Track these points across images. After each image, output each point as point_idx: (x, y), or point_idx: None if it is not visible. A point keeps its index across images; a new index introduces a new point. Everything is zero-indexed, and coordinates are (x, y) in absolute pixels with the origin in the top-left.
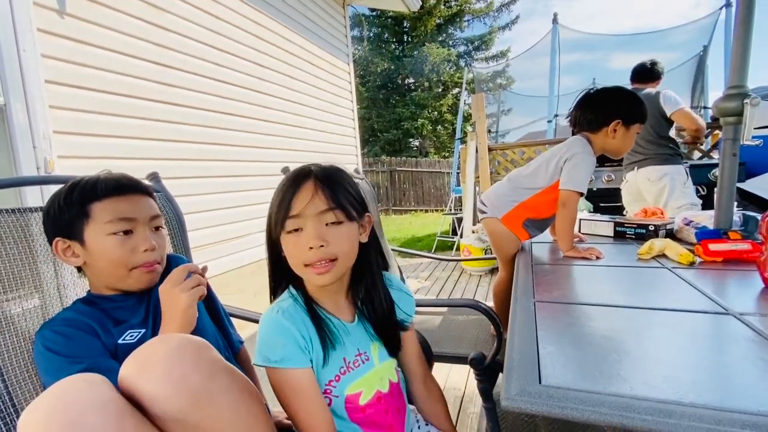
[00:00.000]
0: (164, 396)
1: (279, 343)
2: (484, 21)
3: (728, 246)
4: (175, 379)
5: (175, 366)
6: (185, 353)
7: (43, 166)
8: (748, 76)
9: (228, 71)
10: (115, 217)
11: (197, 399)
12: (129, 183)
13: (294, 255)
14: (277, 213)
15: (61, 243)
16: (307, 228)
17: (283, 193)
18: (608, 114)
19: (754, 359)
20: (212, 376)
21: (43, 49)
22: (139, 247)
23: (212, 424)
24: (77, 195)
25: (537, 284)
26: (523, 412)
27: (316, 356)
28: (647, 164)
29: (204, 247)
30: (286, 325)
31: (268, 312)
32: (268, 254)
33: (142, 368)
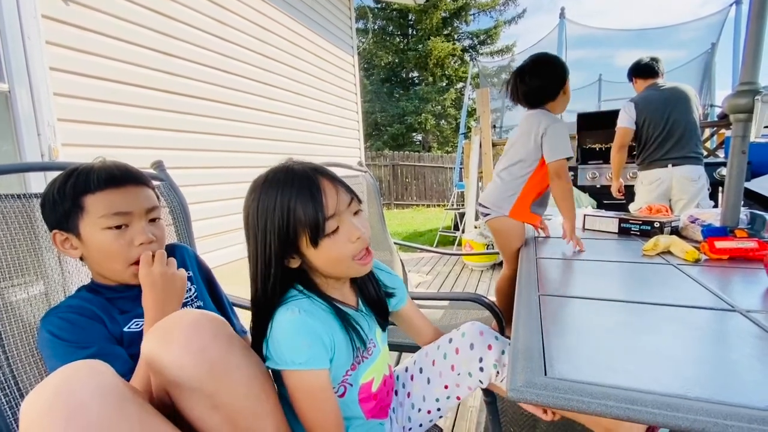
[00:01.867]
0: (184, 365)
1: (305, 344)
2: (490, 15)
3: (734, 244)
4: (195, 350)
5: (195, 337)
6: (205, 327)
7: (47, 153)
8: (759, 73)
9: (233, 62)
10: (109, 211)
11: (214, 370)
12: (122, 174)
13: (341, 252)
14: (309, 220)
15: (59, 235)
16: (345, 222)
17: (305, 197)
18: (560, 78)
19: (760, 356)
20: (229, 350)
21: (48, 36)
22: (135, 241)
23: (227, 394)
24: (70, 188)
25: (541, 278)
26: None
27: (338, 352)
28: (687, 163)
29: (208, 237)
30: (313, 324)
31: (284, 313)
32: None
33: (164, 338)
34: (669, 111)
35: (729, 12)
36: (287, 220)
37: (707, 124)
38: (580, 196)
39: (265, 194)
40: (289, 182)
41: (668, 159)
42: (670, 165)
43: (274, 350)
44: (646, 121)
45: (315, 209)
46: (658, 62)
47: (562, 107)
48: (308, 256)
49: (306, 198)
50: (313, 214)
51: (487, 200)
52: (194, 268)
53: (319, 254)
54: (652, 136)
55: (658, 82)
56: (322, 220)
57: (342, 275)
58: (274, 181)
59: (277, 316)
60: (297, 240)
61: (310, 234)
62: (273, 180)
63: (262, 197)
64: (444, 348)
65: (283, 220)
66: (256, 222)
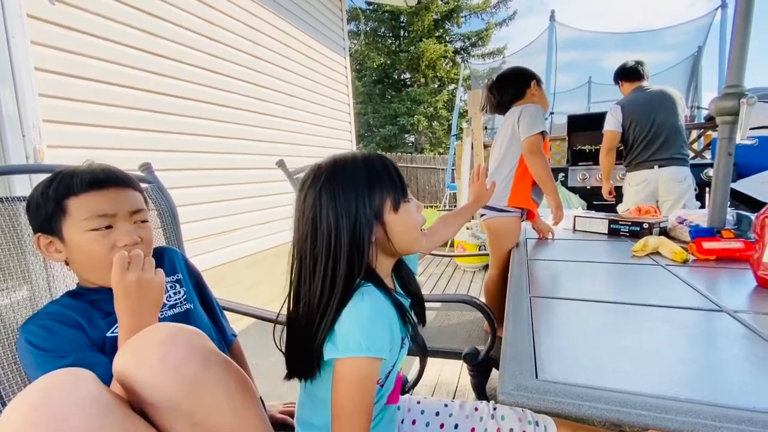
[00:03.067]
0: (158, 384)
1: (382, 331)
2: (481, 17)
3: (722, 244)
4: (170, 367)
5: (170, 354)
6: (180, 342)
7: (33, 155)
8: (745, 76)
9: (222, 62)
10: (92, 213)
11: (191, 387)
12: (106, 177)
13: (414, 220)
14: (393, 190)
15: (43, 238)
16: (410, 197)
17: (384, 170)
18: (524, 80)
19: (748, 356)
20: (207, 365)
21: (33, 36)
22: (118, 242)
23: (206, 412)
24: (53, 191)
25: (532, 280)
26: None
27: (395, 343)
28: (672, 164)
29: (197, 239)
30: (386, 312)
31: (360, 300)
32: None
33: (137, 356)
34: (654, 113)
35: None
36: (376, 186)
37: (694, 126)
38: (570, 197)
39: (347, 171)
40: (368, 160)
41: (654, 160)
42: (656, 166)
43: (346, 336)
44: (632, 123)
45: (394, 177)
46: (642, 65)
47: (542, 102)
48: (389, 223)
49: (384, 169)
50: (393, 180)
51: None
52: (183, 271)
53: (399, 220)
54: (638, 139)
55: (644, 84)
56: (401, 185)
57: (410, 247)
58: (350, 161)
59: (354, 303)
60: (383, 204)
61: (394, 197)
62: (349, 161)
63: (344, 174)
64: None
65: (372, 185)
66: (328, 208)
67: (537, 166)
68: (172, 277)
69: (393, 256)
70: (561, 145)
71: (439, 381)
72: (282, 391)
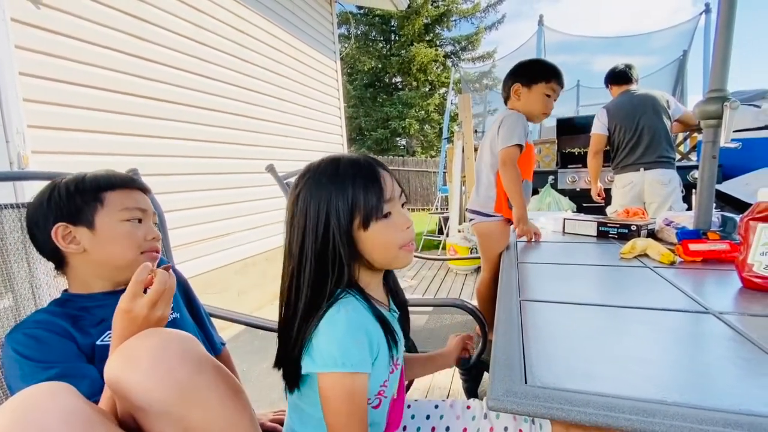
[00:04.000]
0: (150, 388)
1: (358, 345)
2: (471, 21)
3: (707, 246)
4: (162, 372)
5: (161, 359)
6: (171, 347)
7: (17, 161)
8: (728, 80)
9: (211, 66)
10: (131, 205)
11: (183, 392)
12: (138, 180)
13: (390, 239)
14: (367, 200)
15: (63, 228)
16: (396, 210)
17: (364, 181)
18: (508, 82)
19: (734, 358)
20: (198, 370)
21: (18, 40)
22: (148, 236)
23: (197, 417)
24: (90, 183)
25: (522, 283)
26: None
27: (380, 358)
28: (657, 167)
29: (185, 246)
30: (366, 324)
31: (337, 312)
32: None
33: (129, 361)
34: (639, 116)
35: (699, 20)
36: (346, 198)
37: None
38: (560, 200)
39: (323, 176)
40: (350, 165)
41: (640, 163)
42: (642, 169)
43: (318, 352)
44: (618, 126)
45: (372, 189)
46: (631, 69)
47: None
48: (358, 239)
49: (365, 177)
50: (371, 194)
51: (474, 204)
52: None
53: (369, 238)
54: (623, 141)
55: (631, 88)
56: (377, 200)
57: (387, 264)
58: (333, 163)
59: (329, 315)
60: (352, 220)
61: (364, 213)
62: (332, 163)
63: (321, 179)
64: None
65: (342, 197)
66: (308, 206)
67: (506, 178)
68: None
69: (374, 269)
70: (550, 148)
71: (431, 384)
72: (273, 397)
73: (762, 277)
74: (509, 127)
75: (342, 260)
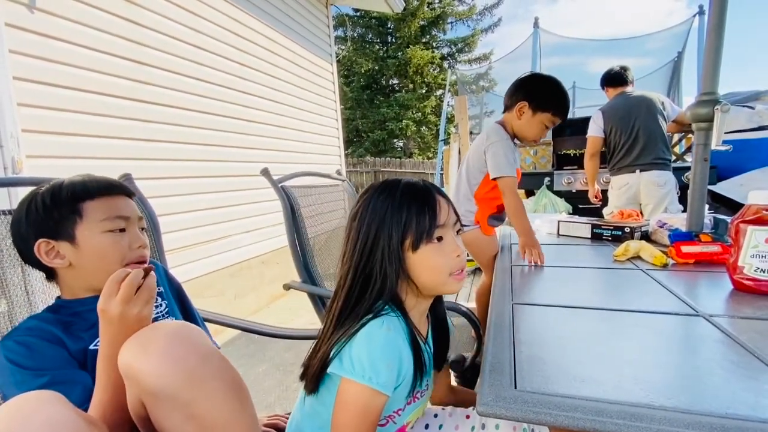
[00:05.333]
0: (162, 373)
1: (388, 366)
2: (467, 24)
3: (699, 248)
4: (173, 359)
5: (173, 346)
6: (183, 336)
7: (11, 166)
8: (719, 83)
9: (207, 69)
10: (111, 214)
11: (192, 379)
12: (114, 185)
13: (439, 263)
14: (420, 222)
15: (45, 245)
16: (449, 236)
17: (421, 204)
18: (518, 95)
19: (721, 361)
20: (207, 360)
21: (12, 45)
22: (132, 244)
23: (203, 405)
24: (67, 194)
25: (515, 286)
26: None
27: (403, 386)
28: (653, 168)
29: (180, 250)
30: (401, 349)
31: (379, 326)
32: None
33: (143, 347)
34: (634, 118)
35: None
36: (399, 217)
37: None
38: (556, 201)
39: (382, 195)
40: (408, 188)
41: (636, 165)
42: (637, 170)
43: (353, 357)
44: (614, 128)
45: (427, 213)
46: (627, 71)
47: (511, 127)
48: (407, 260)
49: (420, 201)
50: (424, 217)
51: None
52: (164, 284)
53: (419, 260)
54: (619, 143)
55: (627, 90)
56: (429, 223)
57: (434, 289)
58: (392, 185)
59: (371, 326)
60: (403, 240)
61: (416, 235)
62: (391, 184)
63: (379, 198)
64: None
65: (397, 218)
66: (363, 223)
67: (510, 206)
68: None
69: (421, 294)
70: (546, 149)
71: None
72: (269, 401)
73: (752, 279)
74: (499, 156)
75: (386, 278)
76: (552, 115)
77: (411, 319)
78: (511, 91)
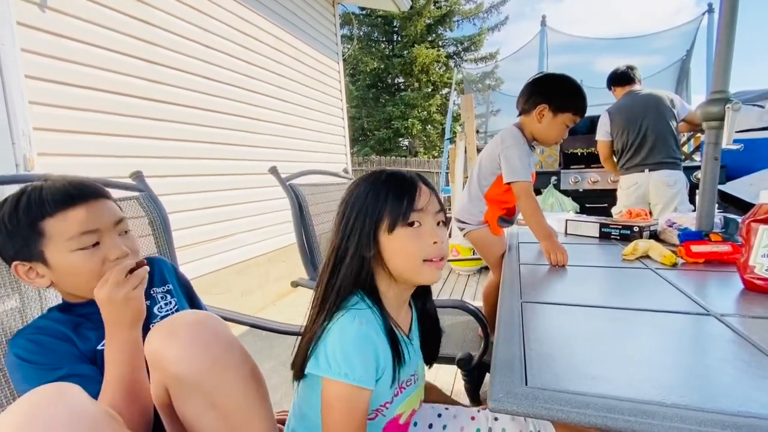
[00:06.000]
0: (189, 358)
1: (363, 361)
2: (473, 22)
3: (709, 248)
4: (199, 345)
5: (199, 334)
6: (208, 325)
7: (23, 163)
8: (730, 81)
9: (215, 68)
10: (76, 232)
11: (216, 366)
12: (78, 190)
13: (414, 249)
14: (396, 205)
15: (21, 266)
16: (428, 223)
17: (400, 188)
18: (536, 98)
19: (733, 360)
20: (230, 348)
21: (24, 44)
22: (109, 257)
23: (224, 393)
24: (23, 214)
25: (524, 285)
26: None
27: (384, 377)
28: (662, 168)
29: (189, 246)
30: (376, 342)
31: (350, 322)
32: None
33: (170, 334)
34: (642, 118)
35: (702, 20)
36: (377, 201)
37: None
38: (563, 200)
39: (366, 182)
40: (391, 175)
41: (645, 164)
42: (646, 170)
43: (324, 356)
44: (621, 129)
45: (404, 197)
46: (633, 70)
47: (530, 131)
48: (382, 243)
49: (400, 187)
50: (401, 201)
51: (462, 215)
52: (174, 281)
53: (392, 243)
54: (627, 144)
55: (635, 88)
56: (406, 206)
57: (407, 275)
58: (378, 173)
59: (342, 321)
60: (379, 222)
61: (392, 217)
62: (377, 173)
63: (363, 184)
64: None
65: (375, 201)
66: (346, 207)
67: (526, 210)
68: (163, 288)
69: (396, 282)
70: (553, 148)
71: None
72: (276, 398)
73: (764, 278)
74: (514, 160)
75: (362, 260)
76: (573, 114)
77: (387, 309)
78: (526, 93)
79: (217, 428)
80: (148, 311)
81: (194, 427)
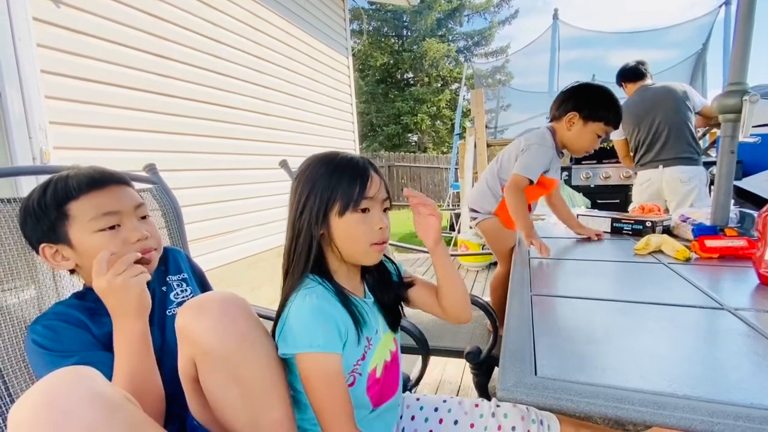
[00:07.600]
0: (217, 333)
1: (322, 328)
2: (484, 16)
3: (724, 242)
4: (228, 321)
5: (227, 310)
6: (235, 302)
7: (39, 157)
8: (747, 74)
9: (226, 63)
10: (98, 213)
11: (243, 341)
12: (102, 176)
13: (362, 234)
14: (349, 191)
15: (48, 248)
16: (376, 210)
17: (352, 175)
18: (567, 105)
19: (747, 353)
20: (255, 325)
21: (39, 39)
22: (129, 239)
23: (249, 368)
24: (51, 198)
25: (533, 278)
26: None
27: (350, 340)
28: (676, 164)
29: (200, 240)
30: (328, 309)
31: (300, 299)
32: (303, 236)
33: (199, 310)
34: (654, 113)
35: (719, 13)
36: (331, 185)
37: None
38: (574, 196)
39: (320, 162)
40: (344, 160)
41: (659, 160)
42: (660, 166)
43: (289, 334)
44: (634, 127)
45: (357, 183)
46: (643, 64)
47: (560, 137)
48: (332, 226)
49: (354, 173)
50: (353, 187)
51: (475, 203)
52: (188, 270)
53: (342, 226)
54: (641, 141)
55: (647, 83)
56: (358, 193)
57: (355, 257)
58: (331, 156)
59: (294, 301)
60: (331, 205)
61: (344, 202)
62: (330, 155)
63: (317, 164)
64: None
65: (327, 184)
66: (299, 189)
67: (510, 203)
68: (178, 276)
69: (345, 262)
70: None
71: (442, 379)
72: None
73: None
74: (531, 158)
75: (312, 239)
76: (605, 124)
77: (338, 281)
78: (558, 101)
79: (239, 404)
80: (165, 297)
81: (217, 401)
